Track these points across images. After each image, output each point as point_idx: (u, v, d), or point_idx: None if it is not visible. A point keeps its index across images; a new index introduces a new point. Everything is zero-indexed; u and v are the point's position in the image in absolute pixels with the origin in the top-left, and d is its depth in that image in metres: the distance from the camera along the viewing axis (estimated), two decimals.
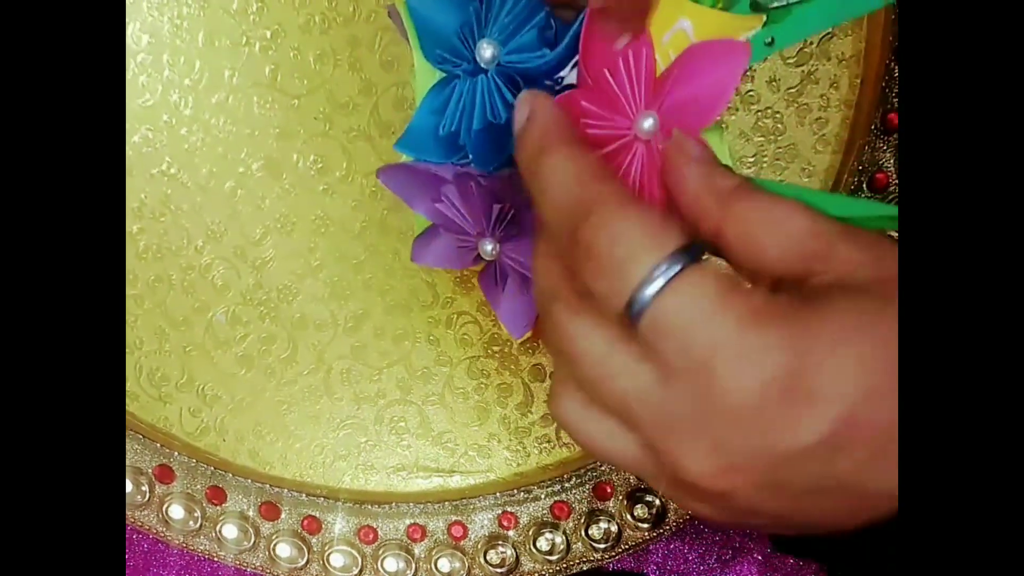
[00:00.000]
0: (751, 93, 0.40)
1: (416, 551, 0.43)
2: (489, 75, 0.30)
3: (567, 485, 0.43)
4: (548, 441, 0.43)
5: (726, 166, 0.27)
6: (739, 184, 0.25)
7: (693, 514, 0.26)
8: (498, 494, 0.43)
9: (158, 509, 0.42)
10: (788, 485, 0.23)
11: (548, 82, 0.30)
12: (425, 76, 0.31)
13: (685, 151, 0.26)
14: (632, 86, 0.28)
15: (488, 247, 0.32)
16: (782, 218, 0.24)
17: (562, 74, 0.30)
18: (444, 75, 0.31)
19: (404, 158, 0.32)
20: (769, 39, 0.28)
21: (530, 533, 0.42)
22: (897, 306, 0.22)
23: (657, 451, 0.24)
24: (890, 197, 0.40)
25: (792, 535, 0.26)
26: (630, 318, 0.23)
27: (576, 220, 0.24)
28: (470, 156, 0.31)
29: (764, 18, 0.28)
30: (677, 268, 0.23)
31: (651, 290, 0.23)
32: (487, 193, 0.30)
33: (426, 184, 0.32)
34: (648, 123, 0.27)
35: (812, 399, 0.22)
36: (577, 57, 0.29)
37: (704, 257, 0.24)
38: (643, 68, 0.27)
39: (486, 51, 0.29)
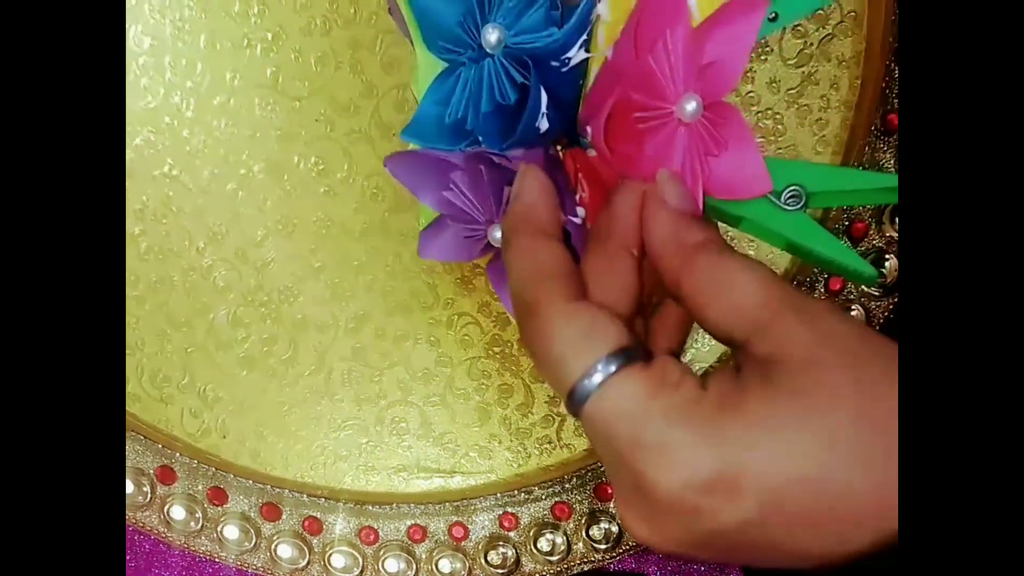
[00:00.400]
0: (751, 94, 0.40)
1: (417, 552, 0.43)
2: (496, 58, 0.30)
3: (568, 486, 0.43)
4: (549, 442, 0.43)
5: (707, 219, 0.28)
6: (705, 240, 0.27)
7: None
8: (499, 495, 0.43)
9: (159, 510, 0.42)
10: (720, 546, 0.24)
11: (555, 63, 0.30)
12: (427, 69, 0.31)
13: (663, 195, 0.28)
14: (672, 68, 0.28)
15: (498, 233, 0.31)
16: (734, 285, 0.26)
17: (569, 54, 0.30)
18: (447, 66, 0.31)
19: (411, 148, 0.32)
20: (772, 14, 0.28)
21: (531, 534, 0.42)
22: (827, 388, 0.23)
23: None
24: None
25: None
26: (571, 407, 0.25)
27: (521, 315, 0.27)
28: (480, 138, 0.31)
29: None
30: (613, 367, 0.24)
31: (589, 387, 0.25)
32: (497, 177, 0.30)
33: (434, 170, 0.32)
34: (691, 107, 0.27)
35: (733, 492, 0.23)
36: (584, 36, 0.29)
37: (638, 358, 0.25)
38: (680, 49, 0.28)
39: (491, 35, 0.29)
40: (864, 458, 0.23)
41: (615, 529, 0.42)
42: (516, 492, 0.43)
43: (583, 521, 0.42)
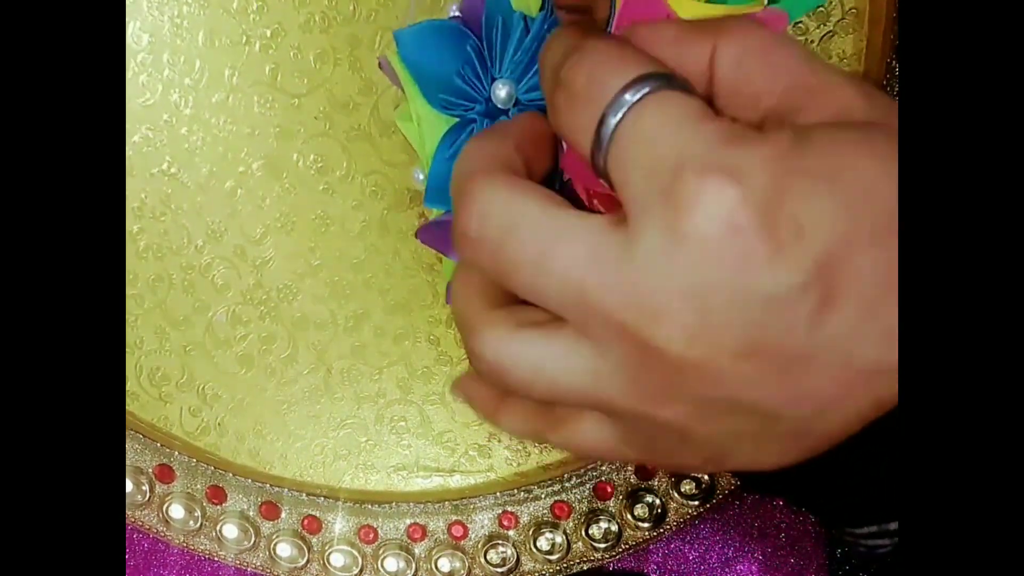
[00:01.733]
0: None
1: (416, 551, 0.43)
2: (510, 115, 0.29)
3: (567, 485, 0.43)
4: None
5: None
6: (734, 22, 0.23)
7: (646, 456, 0.24)
8: (498, 494, 0.43)
9: (158, 509, 0.42)
10: (774, 350, 0.20)
11: None
12: (432, 124, 0.29)
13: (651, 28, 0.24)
14: None
15: (503, 92, 0.30)
16: (779, 47, 0.22)
17: None
18: (456, 121, 0.29)
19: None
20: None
21: (530, 533, 0.42)
22: (896, 145, 0.20)
23: (621, 337, 0.20)
24: None
25: (771, 464, 0.23)
26: (598, 150, 0.21)
27: (560, 62, 0.23)
28: None
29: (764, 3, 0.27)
30: (644, 91, 0.21)
31: (616, 117, 0.21)
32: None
33: None
34: None
35: (793, 231, 0.19)
36: None
37: (681, 84, 0.21)
38: None
39: (501, 91, 0.28)
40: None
41: (614, 528, 0.42)
42: (516, 491, 0.43)
43: (583, 520, 0.42)
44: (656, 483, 0.42)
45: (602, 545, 0.42)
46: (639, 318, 0.20)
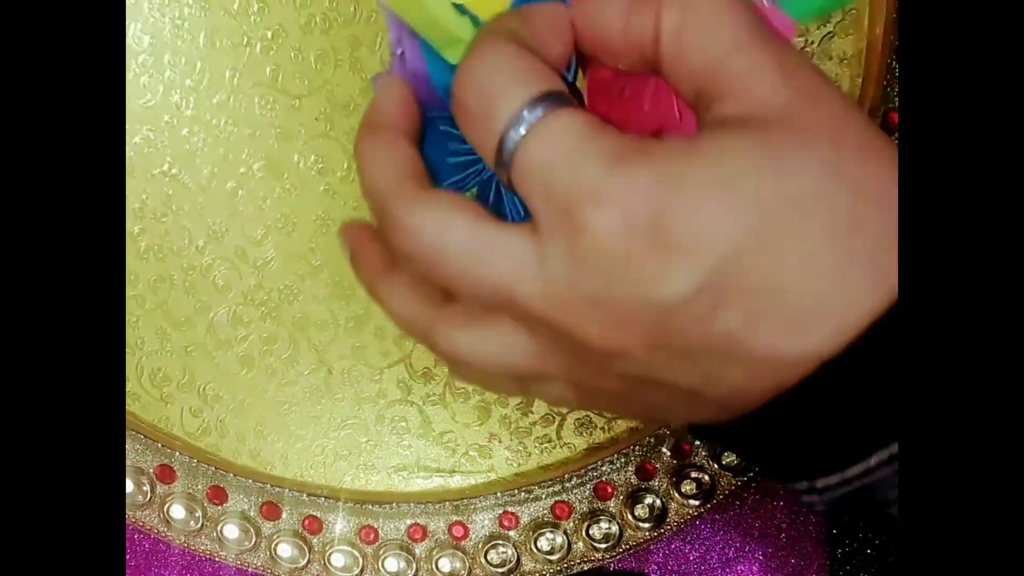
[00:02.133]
0: None
1: (417, 551, 0.43)
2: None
3: (568, 485, 0.43)
4: (549, 441, 0.43)
5: None
6: None
7: (607, 410, 0.26)
8: (499, 494, 0.43)
9: (159, 509, 0.42)
10: (677, 344, 0.22)
11: None
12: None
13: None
14: None
15: None
16: (721, 20, 0.22)
17: None
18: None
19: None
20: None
21: (531, 533, 0.42)
22: (796, 146, 0.21)
23: (551, 331, 0.23)
24: None
25: (707, 421, 0.25)
26: (501, 168, 0.22)
27: (458, 77, 0.23)
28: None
29: None
30: (541, 110, 0.22)
31: (518, 133, 0.22)
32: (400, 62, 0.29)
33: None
34: None
35: (682, 247, 0.20)
36: None
37: (571, 103, 0.22)
38: None
39: None
40: (842, 232, 0.21)
41: (615, 529, 0.42)
42: (516, 491, 0.43)
43: (583, 520, 0.42)
44: (656, 483, 0.42)
45: (603, 545, 0.42)
46: (561, 318, 0.22)
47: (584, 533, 0.42)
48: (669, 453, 0.42)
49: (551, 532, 0.42)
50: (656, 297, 0.21)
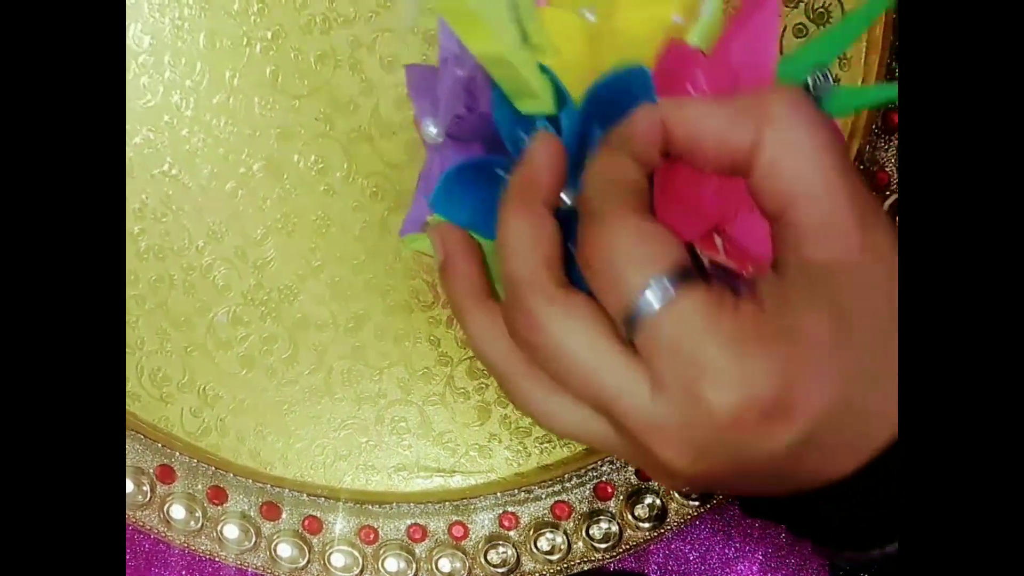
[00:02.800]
0: None
1: (417, 551, 0.43)
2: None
3: (568, 485, 0.43)
4: (549, 441, 0.43)
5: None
6: (768, 94, 0.25)
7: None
8: (499, 494, 0.43)
9: (159, 509, 0.42)
10: (757, 472, 0.25)
11: None
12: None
13: (681, 100, 0.26)
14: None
15: (432, 130, 0.31)
16: (813, 150, 0.25)
17: None
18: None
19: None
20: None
21: (531, 533, 0.42)
22: (865, 316, 0.24)
23: (637, 443, 0.25)
24: (891, 196, 0.40)
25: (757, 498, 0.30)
26: (627, 328, 0.25)
27: (586, 222, 0.26)
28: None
29: None
30: (672, 287, 0.24)
31: (647, 306, 0.24)
32: (464, 91, 0.30)
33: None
34: None
35: (787, 416, 0.24)
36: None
37: (697, 277, 0.25)
38: (704, 85, 0.27)
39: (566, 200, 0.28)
40: (890, 380, 0.24)
41: (615, 529, 0.42)
42: (516, 491, 0.43)
43: (583, 520, 0.42)
44: (656, 483, 0.42)
45: (602, 545, 0.42)
46: (654, 445, 0.25)
47: (584, 533, 0.42)
48: None
49: (551, 532, 0.42)
50: (754, 452, 0.24)
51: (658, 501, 0.42)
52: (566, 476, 0.43)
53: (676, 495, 0.42)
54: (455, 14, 0.25)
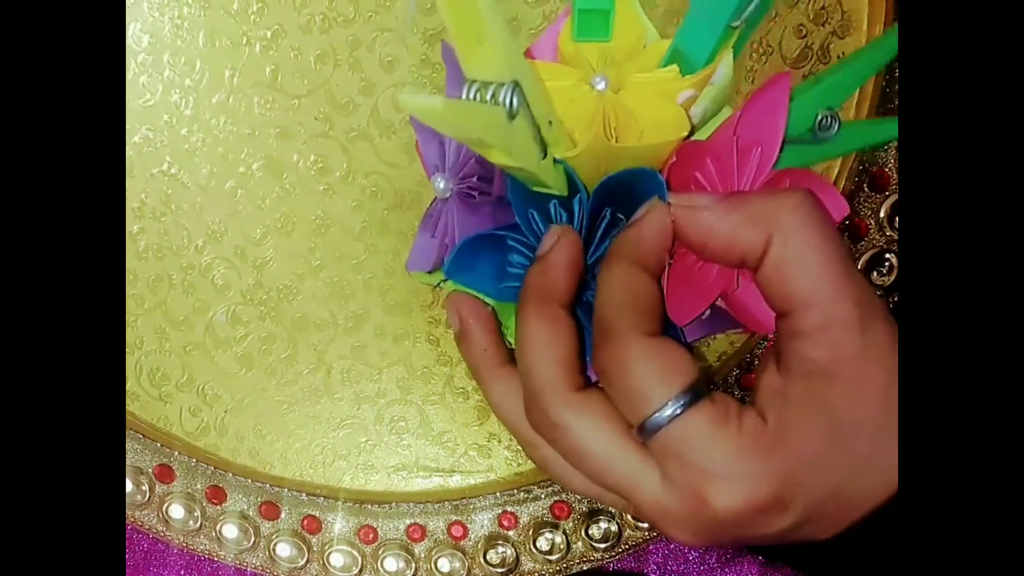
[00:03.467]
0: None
1: (416, 551, 0.43)
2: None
3: None
4: None
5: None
6: (792, 195, 0.27)
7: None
8: (498, 494, 0.43)
9: (158, 509, 0.42)
10: (756, 541, 0.28)
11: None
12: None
13: (692, 201, 0.29)
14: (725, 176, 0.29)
15: (441, 184, 0.32)
16: (818, 256, 0.26)
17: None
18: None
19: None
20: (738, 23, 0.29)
21: (530, 533, 0.42)
22: (858, 408, 0.27)
23: (644, 514, 0.29)
24: (890, 196, 0.40)
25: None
26: (641, 433, 0.27)
27: (601, 337, 0.28)
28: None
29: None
30: (683, 404, 0.27)
31: (661, 419, 0.27)
32: (475, 162, 0.32)
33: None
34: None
35: (783, 510, 0.27)
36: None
37: (705, 393, 0.27)
38: (714, 175, 0.29)
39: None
40: (885, 465, 0.27)
41: (614, 528, 0.42)
42: (515, 491, 0.43)
43: (582, 520, 0.42)
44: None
45: (602, 545, 0.42)
46: (662, 526, 0.28)
47: (583, 533, 0.42)
48: None
49: (550, 532, 0.42)
50: (753, 533, 0.27)
51: None
52: None
53: None
54: (475, 140, 0.26)
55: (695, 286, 0.30)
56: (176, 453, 0.42)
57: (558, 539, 0.42)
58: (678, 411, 0.27)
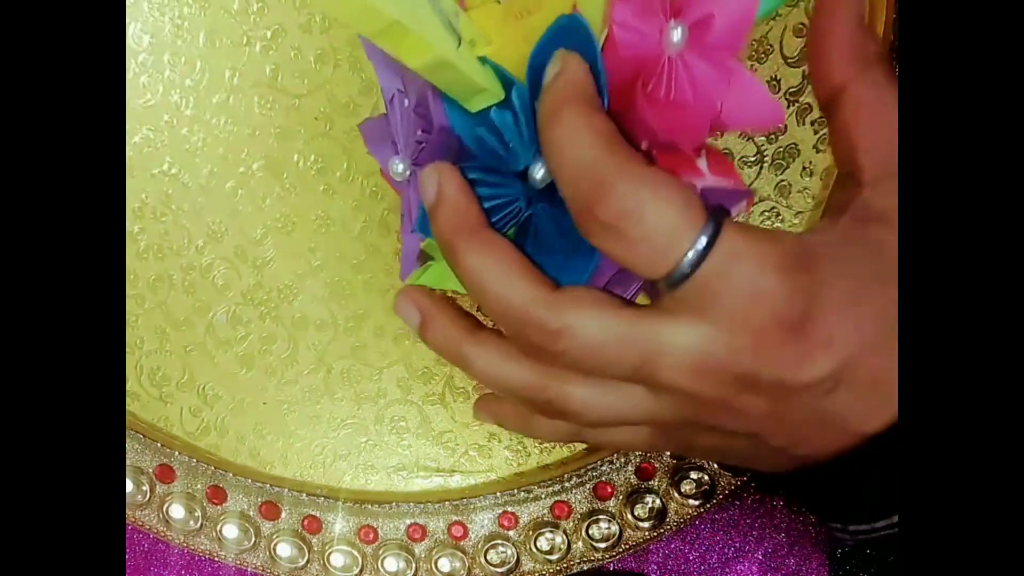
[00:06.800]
0: None
1: (416, 551, 0.43)
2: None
3: (567, 485, 0.42)
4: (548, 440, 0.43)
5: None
6: (879, 54, 0.27)
7: (679, 452, 0.33)
8: (498, 494, 0.43)
9: (159, 509, 0.42)
10: (793, 413, 0.26)
11: None
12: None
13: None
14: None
15: (400, 166, 0.30)
16: (889, 122, 0.26)
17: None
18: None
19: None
20: None
21: (530, 533, 0.42)
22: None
23: (682, 397, 0.26)
24: None
25: (774, 472, 0.30)
26: (669, 284, 0.25)
27: (593, 196, 0.25)
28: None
29: None
30: (710, 235, 0.24)
31: (690, 261, 0.24)
32: (416, 117, 0.30)
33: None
34: (676, 35, 0.26)
35: (824, 343, 0.24)
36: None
37: (726, 214, 0.25)
38: None
39: (537, 174, 0.27)
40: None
41: (614, 528, 0.42)
42: (516, 491, 0.43)
43: (583, 520, 0.42)
44: (656, 483, 0.42)
45: (602, 545, 0.42)
46: (701, 389, 0.25)
47: (584, 533, 0.42)
48: (668, 453, 0.42)
49: (551, 532, 0.42)
50: (793, 378, 0.25)
51: (658, 501, 0.42)
52: (566, 476, 0.43)
53: (676, 495, 0.42)
54: (385, 35, 0.25)
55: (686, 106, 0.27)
56: (176, 453, 0.42)
57: (558, 539, 0.42)
58: (711, 239, 0.24)
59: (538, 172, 0.27)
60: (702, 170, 0.27)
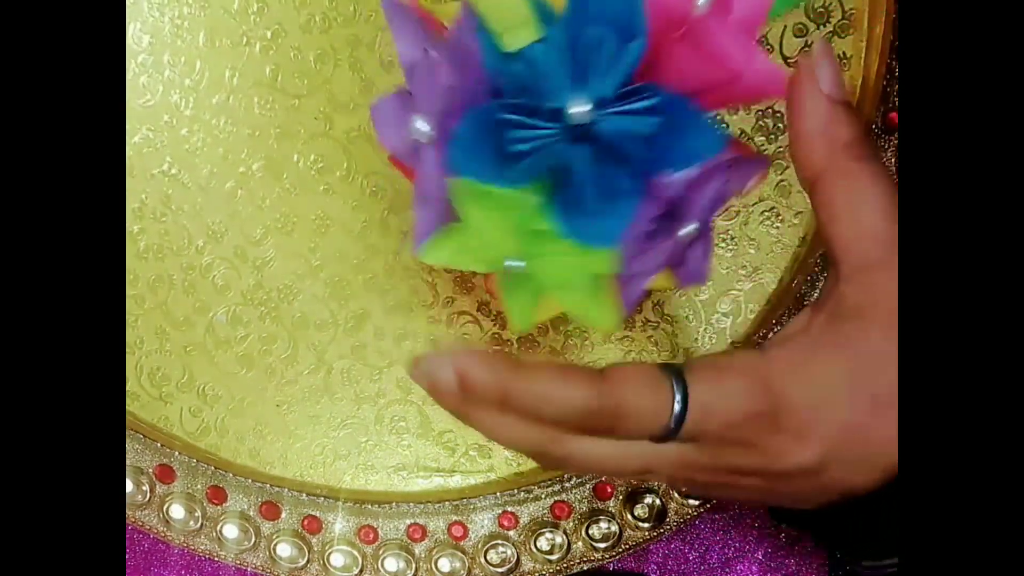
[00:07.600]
0: None
1: (416, 551, 0.43)
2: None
3: (567, 485, 0.42)
4: None
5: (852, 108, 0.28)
6: (853, 140, 0.27)
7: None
8: (498, 494, 0.43)
9: (159, 509, 0.42)
10: (788, 487, 0.28)
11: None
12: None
13: (817, 77, 0.28)
14: None
15: (424, 127, 0.29)
16: (864, 209, 0.26)
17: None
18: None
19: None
20: None
21: (530, 533, 0.42)
22: (883, 344, 0.26)
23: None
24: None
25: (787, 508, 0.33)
26: (668, 433, 0.27)
27: (584, 414, 0.27)
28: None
29: None
30: (681, 393, 0.27)
31: (677, 418, 0.27)
32: (448, 67, 0.28)
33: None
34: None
35: (798, 436, 0.26)
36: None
37: (679, 367, 0.27)
38: None
39: (582, 108, 0.27)
40: (893, 407, 0.26)
41: (614, 528, 0.42)
42: (516, 491, 0.43)
43: (583, 520, 0.42)
44: (656, 483, 0.42)
45: (602, 545, 0.42)
46: (687, 476, 0.28)
47: (584, 533, 0.42)
48: None
49: (551, 532, 0.42)
50: (780, 466, 0.27)
51: (657, 501, 0.42)
52: (565, 476, 0.42)
53: (676, 494, 0.42)
54: None
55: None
56: (176, 453, 0.42)
57: (558, 539, 0.42)
58: (683, 396, 0.26)
59: (577, 107, 0.27)
60: (756, 50, 0.27)
